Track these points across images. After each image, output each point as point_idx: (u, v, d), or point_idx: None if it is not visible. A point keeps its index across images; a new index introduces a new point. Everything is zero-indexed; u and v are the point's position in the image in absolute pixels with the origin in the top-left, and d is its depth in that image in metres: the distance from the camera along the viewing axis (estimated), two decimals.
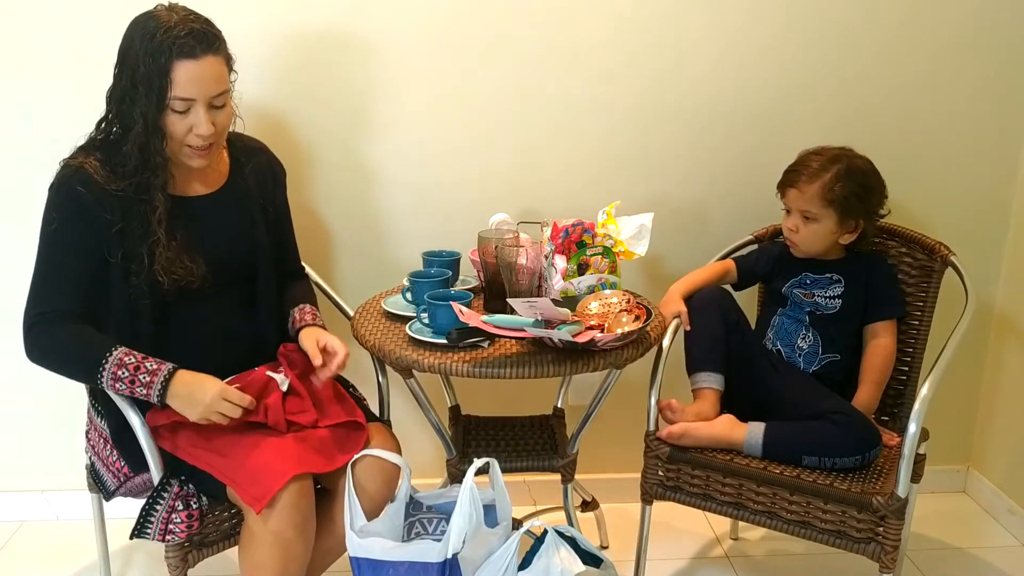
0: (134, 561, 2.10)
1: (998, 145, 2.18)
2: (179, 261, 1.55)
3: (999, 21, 2.09)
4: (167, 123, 1.51)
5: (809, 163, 1.82)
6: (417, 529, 1.66)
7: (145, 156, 1.51)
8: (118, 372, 1.45)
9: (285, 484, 1.43)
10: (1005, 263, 2.26)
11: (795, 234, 1.85)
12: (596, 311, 1.70)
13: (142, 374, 1.45)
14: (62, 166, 1.55)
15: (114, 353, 1.46)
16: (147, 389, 1.46)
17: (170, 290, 1.54)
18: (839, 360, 1.86)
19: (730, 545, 2.19)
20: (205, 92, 1.51)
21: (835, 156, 1.82)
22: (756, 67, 2.09)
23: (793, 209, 1.84)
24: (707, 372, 1.81)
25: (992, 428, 2.34)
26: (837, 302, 1.86)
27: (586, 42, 2.04)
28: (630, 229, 1.81)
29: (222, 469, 1.49)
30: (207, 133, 1.52)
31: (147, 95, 1.48)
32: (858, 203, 1.81)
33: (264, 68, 1.97)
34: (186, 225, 1.58)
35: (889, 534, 1.58)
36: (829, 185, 1.79)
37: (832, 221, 1.82)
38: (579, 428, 1.88)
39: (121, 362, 1.45)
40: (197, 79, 1.49)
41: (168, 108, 1.49)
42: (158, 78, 1.47)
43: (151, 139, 1.50)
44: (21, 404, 2.18)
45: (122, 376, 1.45)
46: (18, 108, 1.99)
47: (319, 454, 1.53)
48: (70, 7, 1.93)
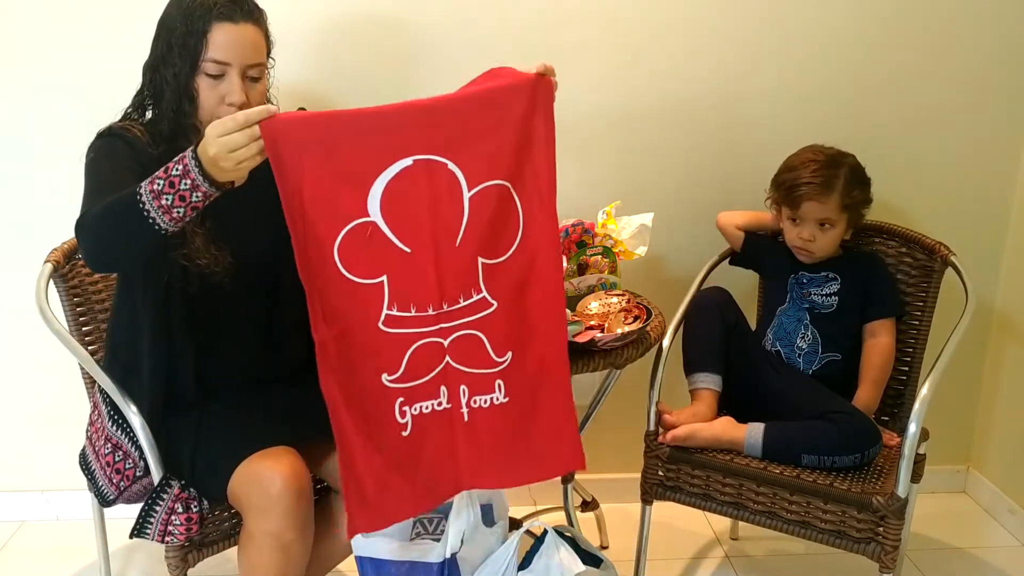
0: (134, 561, 2.10)
1: (998, 145, 2.18)
2: (206, 250, 1.52)
3: (999, 19, 2.09)
4: (199, 87, 1.48)
5: (815, 173, 1.81)
6: (418, 529, 1.66)
7: (178, 119, 1.49)
8: (154, 187, 1.29)
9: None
10: (1005, 263, 2.26)
11: (812, 243, 1.84)
12: (596, 311, 1.70)
13: (173, 170, 1.29)
14: (99, 133, 1.52)
15: (142, 184, 1.31)
16: (186, 177, 1.28)
17: (194, 280, 1.53)
18: (839, 360, 1.86)
19: (730, 545, 2.19)
20: (240, 58, 1.48)
21: (832, 160, 1.83)
22: (756, 67, 2.09)
23: (807, 219, 1.83)
24: (704, 373, 1.81)
25: (992, 428, 2.34)
26: (834, 300, 1.86)
27: (586, 42, 2.04)
28: (630, 229, 1.82)
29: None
30: (238, 102, 1.47)
31: (181, 55, 1.45)
32: (863, 204, 1.84)
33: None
34: (213, 214, 1.52)
35: (889, 534, 1.58)
36: (847, 191, 1.80)
37: (844, 224, 1.84)
38: (579, 428, 1.88)
39: (152, 181, 1.30)
40: (234, 43, 1.47)
41: (201, 71, 1.47)
42: (194, 38, 1.44)
43: (182, 101, 1.48)
44: (21, 404, 2.18)
45: (158, 187, 1.29)
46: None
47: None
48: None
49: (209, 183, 1.29)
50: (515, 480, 1.49)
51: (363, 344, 1.36)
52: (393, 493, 1.41)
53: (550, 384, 1.46)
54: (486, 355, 1.43)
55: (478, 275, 1.40)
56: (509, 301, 1.42)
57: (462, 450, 1.44)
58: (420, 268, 1.36)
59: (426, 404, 1.41)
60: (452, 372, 1.42)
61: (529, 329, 1.45)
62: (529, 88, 1.39)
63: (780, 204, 1.89)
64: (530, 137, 1.41)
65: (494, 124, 1.38)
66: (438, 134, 1.34)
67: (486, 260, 1.41)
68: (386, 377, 1.38)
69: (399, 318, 1.37)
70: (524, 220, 1.42)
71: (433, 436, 1.42)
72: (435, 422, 1.42)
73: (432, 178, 1.35)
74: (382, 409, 1.39)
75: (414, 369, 1.39)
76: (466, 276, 1.39)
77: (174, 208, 1.29)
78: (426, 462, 1.43)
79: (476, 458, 1.45)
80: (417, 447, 1.42)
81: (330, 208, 1.31)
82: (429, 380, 1.41)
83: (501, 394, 1.44)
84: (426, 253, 1.36)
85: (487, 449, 1.45)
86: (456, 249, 1.38)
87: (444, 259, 1.37)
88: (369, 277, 1.34)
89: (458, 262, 1.38)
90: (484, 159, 1.37)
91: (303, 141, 1.27)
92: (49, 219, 1.86)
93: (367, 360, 1.37)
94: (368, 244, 1.33)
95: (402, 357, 1.38)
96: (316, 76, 2.01)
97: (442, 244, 1.37)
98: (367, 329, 1.36)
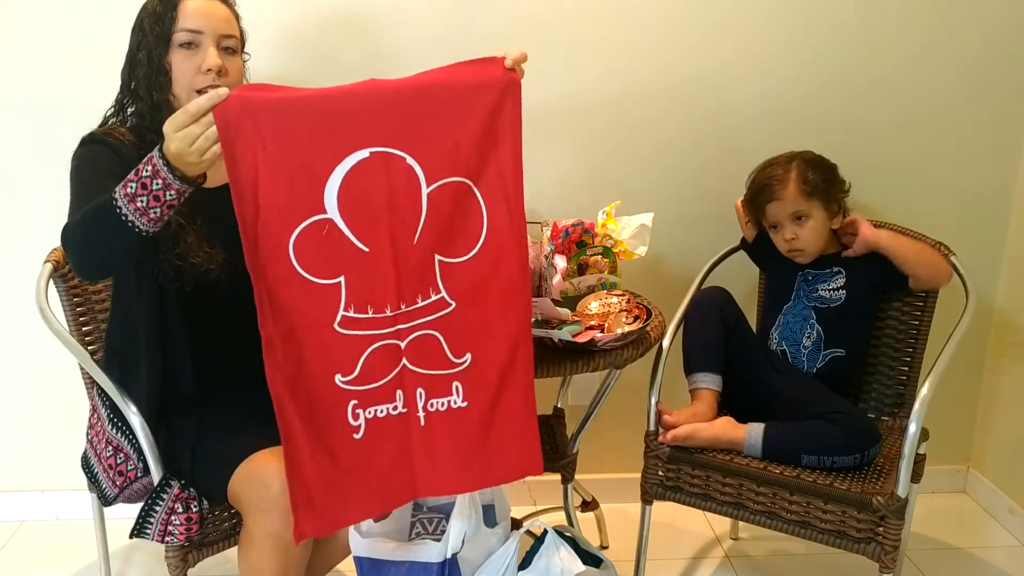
0: (134, 561, 2.10)
1: (998, 145, 2.18)
2: (199, 248, 1.52)
3: (1000, 20, 2.09)
4: (172, 62, 1.48)
5: (770, 175, 1.85)
6: (418, 529, 1.66)
7: (153, 97, 1.49)
8: (127, 191, 1.29)
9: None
10: (1005, 263, 2.26)
11: (796, 240, 1.85)
12: (596, 311, 1.70)
13: (143, 172, 1.28)
14: (82, 140, 1.53)
15: (116, 188, 1.32)
16: (156, 177, 1.27)
17: (189, 279, 1.53)
18: (844, 356, 1.85)
19: (730, 545, 2.19)
20: (213, 27, 1.49)
21: (787, 158, 1.86)
22: (756, 67, 2.09)
23: (781, 220, 1.85)
24: (704, 373, 1.81)
25: (992, 428, 2.34)
26: (842, 293, 1.86)
27: (585, 41, 2.04)
28: (630, 229, 1.82)
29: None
30: (215, 66, 1.48)
31: (153, 33, 1.47)
32: (830, 186, 1.85)
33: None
34: (205, 212, 1.54)
35: (889, 534, 1.58)
36: (802, 178, 1.82)
37: (820, 211, 1.84)
38: (579, 428, 1.88)
39: (124, 185, 1.31)
40: (203, 12, 1.48)
41: (174, 44, 1.48)
42: (166, 16, 1.47)
43: (156, 77, 1.48)
44: (21, 404, 2.18)
45: (131, 190, 1.28)
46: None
47: None
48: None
49: (180, 180, 1.28)
50: (471, 486, 1.47)
51: (317, 344, 1.34)
52: (341, 496, 1.38)
53: (511, 388, 1.44)
54: (443, 356, 1.41)
55: (435, 274, 1.38)
56: (469, 302, 1.40)
57: (417, 456, 1.42)
58: (379, 268, 1.34)
59: (381, 408, 1.39)
60: (409, 375, 1.40)
61: (490, 331, 1.42)
62: (496, 86, 1.36)
63: (755, 218, 1.93)
64: (496, 136, 1.37)
65: (456, 120, 1.35)
66: (396, 126, 1.31)
67: (444, 259, 1.38)
68: (340, 378, 1.36)
69: (356, 320, 1.35)
70: (488, 220, 1.39)
71: (388, 441, 1.40)
72: (390, 427, 1.40)
73: (390, 172, 1.32)
74: (333, 410, 1.37)
75: (370, 372, 1.37)
76: (423, 275, 1.37)
77: (150, 209, 1.29)
78: (379, 467, 1.40)
79: (431, 465, 1.43)
80: (370, 450, 1.39)
81: (285, 202, 1.28)
82: (384, 384, 1.39)
83: (459, 397, 1.42)
84: (384, 252, 1.34)
85: (443, 455, 1.43)
86: (413, 247, 1.36)
87: (402, 258, 1.35)
88: (326, 277, 1.32)
89: (415, 260, 1.36)
90: (444, 155, 1.35)
91: (257, 129, 1.25)
92: (49, 219, 1.85)
93: (319, 361, 1.34)
94: (325, 242, 1.31)
95: (357, 359, 1.36)
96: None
97: (399, 242, 1.35)
98: (321, 330, 1.34)
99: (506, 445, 1.45)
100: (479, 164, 1.37)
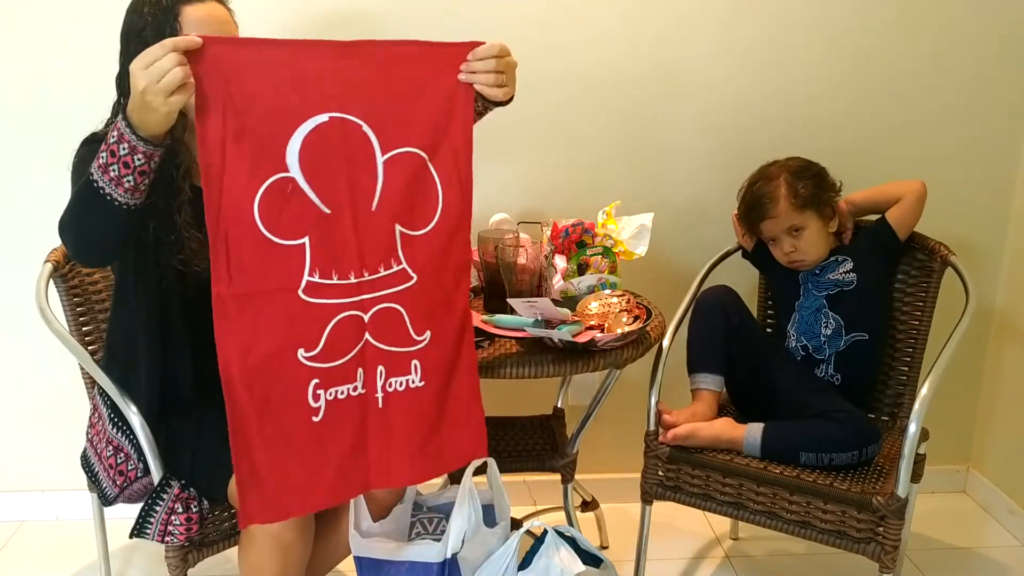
0: (134, 561, 2.10)
1: (998, 145, 2.18)
2: (203, 254, 1.51)
3: (1000, 21, 2.09)
4: None
5: (760, 193, 1.85)
6: (418, 529, 1.66)
7: None
8: (100, 162, 1.29)
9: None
10: (1005, 263, 2.26)
11: (796, 252, 1.85)
12: (596, 311, 1.70)
13: (110, 138, 1.28)
14: (83, 140, 1.51)
15: (93, 165, 1.32)
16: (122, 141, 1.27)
17: (191, 284, 1.52)
18: (866, 339, 1.84)
19: (730, 545, 2.19)
20: (216, 32, 1.46)
21: (772, 172, 1.86)
22: (756, 67, 2.09)
23: (778, 235, 1.86)
24: (705, 373, 1.81)
25: (992, 428, 2.35)
26: (852, 276, 1.85)
27: (585, 42, 2.05)
28: (630, 229, 1.82)
29: None
30: None
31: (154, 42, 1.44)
32: (821, 192, 1.84)
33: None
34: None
35: (889, 534, 1.58)
36: (792, 192, 1.81)
37: (815, 220, 1.84)
38: (579, 428, 1.88)
39: (97, 158, 1.30)
40: (206, 20, 1.46)
41: None
42: (166, 23, 1.44)
43: None
44: (21, 404, 2.18)
45: (103, 160, 1.29)
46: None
47: None
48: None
49: (144, 142, 1.27)
50: (423, 476, 1.47)
51: (281, 315, 1.32)
52: (294, 483, 1.34)
53: (460, 369, 1.47)
54: (406, 332, 1.41)
55: (396, 244, 1.39)
56: (429, 276, 1.42)
57: (372, 446, 1.41)
58: (340, 231, 1.35)
59: (342, 389, 1.37)
60: (371, 351, 1.39)
61: (445, 309, 1.45)
62: (452, 61, 1.38)
63: (751, 233, 1.93)
64: (449, 111, 1.40)
65: (412, 91, 1.37)
66: (357, 93, 1.33)
67: (404, 230, 1.40)
68: (303, 353, 1.33)
69: (321, 285, 1.34)
70: (443, 196, 1.42)
71: (345, 425, 1.38)
72: (349, 410, 1.38)
73: (346, 137, 1.33)
74: (294, 388, 1.33)
75: (333, 346, 1.35)
76: (384, 243, 1.38)
77: (124, 178, 1.29)
78: (335, 455, 1.37)
79: (385, 453, 1.42)
80: (327, 436, 1.37)
81: (250, 159, 1.28)
82: (347, 362, 1.37)
83: (417, 377, 1.43)
84: (345, 215, 1.35)
85: (398, 442, 1.42)
86: (372, 214, 1.37)
87: (362, 223, 1.36)
88: (290, 238, 1.32)
89: (375, 228, 1.37)
90: (398, 125, 1.37)
91: (227, 83, 1.25)
92: (49, 219, 1.85)
93: (282, 332, 1.32)
94: (288, 201, 1.31)
95: (322, 331, 1.35)
96: None
97: (359, 207, 1.36)
98: (287, 297, 1.32)
99: (455, 429, 1.47)
100: (433, 137, 1.40)
